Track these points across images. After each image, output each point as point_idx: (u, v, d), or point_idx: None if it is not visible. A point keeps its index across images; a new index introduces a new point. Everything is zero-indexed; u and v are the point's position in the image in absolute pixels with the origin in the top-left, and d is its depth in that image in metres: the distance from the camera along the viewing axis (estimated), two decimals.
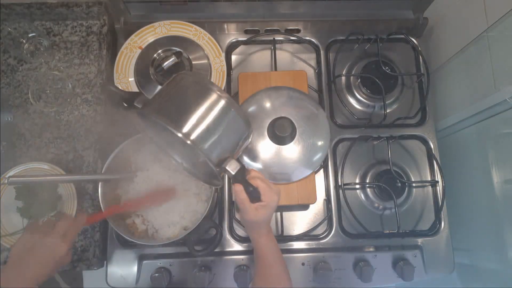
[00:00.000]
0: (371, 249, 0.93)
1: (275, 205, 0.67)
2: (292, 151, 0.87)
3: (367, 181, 0.97)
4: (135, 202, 0.83)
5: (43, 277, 0.64)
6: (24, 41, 0.95)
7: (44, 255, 0.64)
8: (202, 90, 0.64)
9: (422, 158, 1.01)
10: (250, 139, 0.69)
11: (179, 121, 0.60)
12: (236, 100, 0.96)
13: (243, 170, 0.65)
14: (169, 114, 0.61)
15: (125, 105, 0.68)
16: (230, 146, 0.65)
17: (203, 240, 0.85)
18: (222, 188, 0.94)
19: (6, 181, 0.70)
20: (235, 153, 0.67)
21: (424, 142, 1.01)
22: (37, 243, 0.65)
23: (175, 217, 0.83)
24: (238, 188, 0.66)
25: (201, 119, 0.61)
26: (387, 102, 1.00)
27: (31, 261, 0.63)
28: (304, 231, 0.93)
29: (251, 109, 0.90)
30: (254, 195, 0.66)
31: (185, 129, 0.60)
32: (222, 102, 0.63)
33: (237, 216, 0.91)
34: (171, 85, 0.66)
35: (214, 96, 0.63)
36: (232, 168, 0.64)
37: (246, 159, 0.87)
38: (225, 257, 0.90)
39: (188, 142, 0.59)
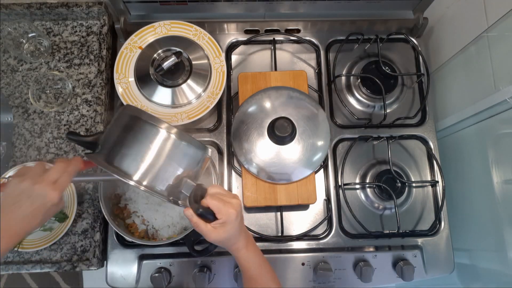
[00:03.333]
0: (371, 249, 0.93)
1: (233, 218, 0.63)
2: (292, 151, 0.87)
3: (367, 181, 0.97)
4: None
5: (31, 229, 0.60)
6: (24, 41, 0.95)
7: (32, 205, 0.59)
8: (144, 127, 0.63)
9: (422, 158, 1.01)
10: (207, 158, 0.68)
11: (128, 169, 0.60)
12: (236, 100, 0.97)
13: (197, 190, 0.64)
14: (116, 159, 0.61)
15: (89, 150, 0.67)
16: (184, 172, 0.64)
17: (203, 240, 0.85)
18: (221, 185, 0.94)
19: (6, 182, 0.70)
20: (194, 175, 0.66)
21: (424, 142, 1.01)
22: (24, 191, 0.59)
23: (175, 217, 0.83)
24: (188, 213, 0.63)
25: (152, 160, 0.61)
26: (387, 102, 1.00)
27: (17, 212, 0.58)
28: (304, 231, 0.93)
29: (251, 109, 0.90)
30: (208, 216, 0.63)
31: (136, 176, 0.60)
32: (165, 135, 0.62)
33: None
34: (116, 123, 0.65)
35: (156, 131, 0.62)
36: (187, 190, 0.63)
37: (246, 159, 0.88)
38: (225, 257, 0.90)
39: (142, 188, 0.60)
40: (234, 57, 1.05)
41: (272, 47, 1.04)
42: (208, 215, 0.63)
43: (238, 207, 0.64)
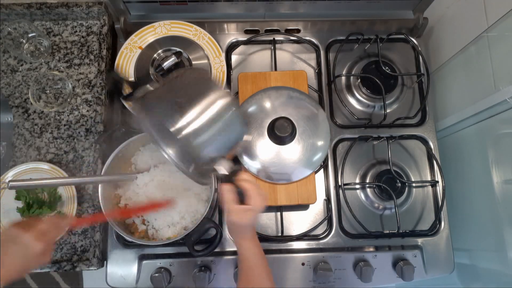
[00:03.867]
0: (371, 249, 0.93)
1: (260, 210, 0.66)
2: (292, 151, 0.87)
3: (367, 181, 0.97)
4: (128, 210, 0.83)
5: (13, 276, 0.60)
6: (24, 41, 0.95)
7: (17, 253, 0.61)
8: (203, 86, 0.62)
9: (422, 158, 1.00)
10: (247, 139, 0.68)
11: (173, 115, 0.59)
12: (236, 100, 0.97)
13: (235, 171, 0.65)
14: (164, 107, 0.60)
15: (126, 93, 0.67)
16: (225, 145, 0.64)
17: (203, 240, 0.85)
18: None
19: (6, 186, 0.70)
20: (229, 152, 0.66)
21: (424, 142, 1.01)
22: (12, 238, 0.62)
23: (175, 217, 0.83)
24: (227, 187, 0.65)
25: (197, 115, 0.59)
26: (387, 102, 1.00)
27: (3, 258, 0.59)
28: (304, 231, 0.93)
29: (251, 109, 0.90)
30: (241, 198, 0.65)
31: (178, 124, 0.58)
32: (221, 100, 0.61)
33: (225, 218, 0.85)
34: (172, 78, 0.65)
35: (213, 93, 0.61)
36: (225, 167, 0.63)
37: (246, 159, 0.88)
38: (225, 257, 0.90)
39: (179, 137, 0.58)
40: (234, 57, 1.05)
41: (272, 47, 1.04)
42: (242, 198, 0.65)
43: (266, 202, 0.67)
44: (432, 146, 1.00)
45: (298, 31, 1.06)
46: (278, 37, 1.05)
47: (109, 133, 0.84)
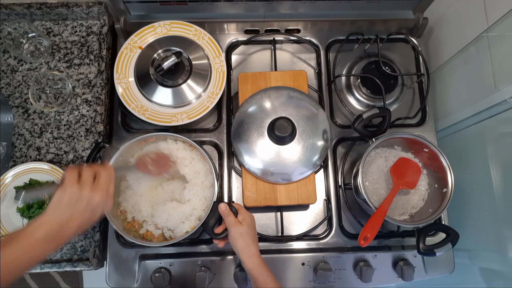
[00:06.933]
0: (371, 249, 0.93)
1: (249, 220, 0.78)
2: (292, 151, 0.87)
3: None
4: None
5: (77, 234, 0.65)
6: (24, 41, 0.95)
7: (92, 213, 0.64)
8: None
9: None
10: None
11: None
12: (236, 100, 0.97)
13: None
14: None
15: None
16: None
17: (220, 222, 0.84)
18: (222, 184, 0.94)
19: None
20: None
21: None
22: (83, 198, 0.63)
23: (186, 210, 0.82)
24: (223, 204, 0.78)
25: None
26: (387, 102, 1.00)
27: (77, 218, 0.62)
28: (304, 231, 0.93)
29: (251, 109, 0.90)
30: (234, 212, 0.79)
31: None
32: None
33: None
34: None
35: None
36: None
37: (246, 159, 0.88)
38: (225, 257, 0.90)
39: None
40: (234, 57, 1.05)
41: (272, 47, 1.03)
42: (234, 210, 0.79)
43: (253, 217, 0.80)
44: None
45: (298, 31, 1.06)
46: (278, 37, 1.05)
47: (95, 152, 0.84)
